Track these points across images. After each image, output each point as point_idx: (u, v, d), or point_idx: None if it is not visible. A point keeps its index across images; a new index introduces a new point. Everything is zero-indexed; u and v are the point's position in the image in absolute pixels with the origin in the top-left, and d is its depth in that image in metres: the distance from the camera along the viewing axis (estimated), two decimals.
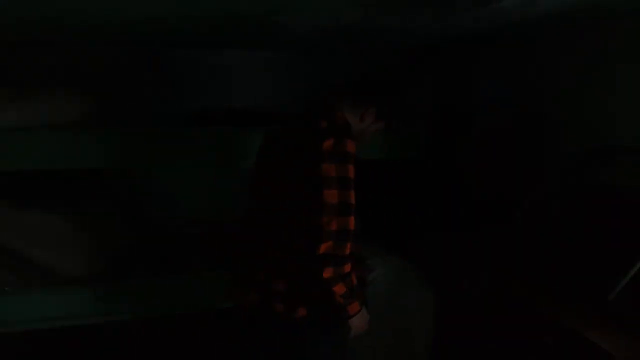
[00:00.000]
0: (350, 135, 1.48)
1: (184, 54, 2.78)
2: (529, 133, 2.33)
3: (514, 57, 2.49)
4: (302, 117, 1.61)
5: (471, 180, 2.62)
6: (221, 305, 2.15)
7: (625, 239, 1.68)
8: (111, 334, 2.26)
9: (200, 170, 2.73)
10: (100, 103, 2.39)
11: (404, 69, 3.01)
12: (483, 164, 2.57)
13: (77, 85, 2.39)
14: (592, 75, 2.04)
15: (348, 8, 1.78)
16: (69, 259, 2.18)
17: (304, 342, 1.58)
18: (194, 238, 2.69)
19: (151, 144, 2.31)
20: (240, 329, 1.75)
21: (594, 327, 1.54)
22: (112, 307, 2.22)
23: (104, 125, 2.30)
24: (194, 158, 2.44)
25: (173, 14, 1.88)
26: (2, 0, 1.61)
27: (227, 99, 2.74)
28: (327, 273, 1.42)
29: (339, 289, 1.45)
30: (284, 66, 2.91)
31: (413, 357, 2.22)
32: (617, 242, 1.71)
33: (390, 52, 2.92)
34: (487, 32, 2.25)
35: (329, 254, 1.41)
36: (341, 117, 1.58)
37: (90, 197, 2.44)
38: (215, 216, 2.64)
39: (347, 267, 1.45)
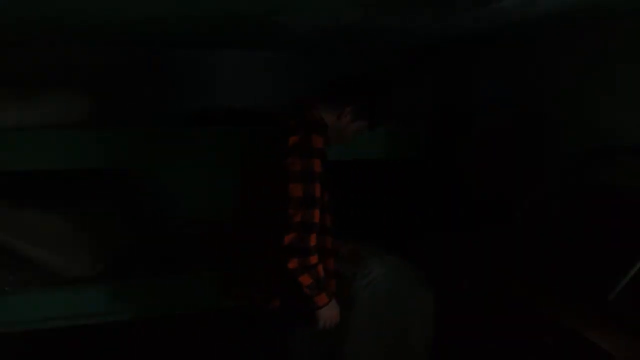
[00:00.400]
0: (317, 131, 1.52)
1: (184, 54, 2.78)
2: (529, 133, 2.32)
3: (514, 57, 2.49)
4: (277, 117, 1.65)
5: (471, 180, 2.62)
6: (221, 305, 2.15)
7: (625, 239, 1.68)
8: (111, 334, 2.26)
9: (200, 170, 2.73)
10: (100, 103, 2.39)
11: (404, 69, 3.01)
12: (483, 164, 2.57)
13: (77, 85, 2.39)
14: (592, 75, 2.04)
15: (348, 8, 1.78)
16: (69, 258, 2.18)
17: (278, 333, 1.64)
18: (194, 238, 2.69)
19: (151, 144, 2.31)
20: (239, 329, 1.76)
21: (594, 327, 1.54)
22: (112, 307, 2.22)
23: (104, 125, 2.30)
24: (194, 158, 2.44)
25: (173, 14, 1.88)
26: (2, 0, 1.62)
27: (227, 99, 2.74)
28: (292, 264, 1.47)
29: (305, 280, 1.49)
30: (284, 66, 2.91)
31: (413, 357, 2.22)
32: (617, 242, 1.71)
33: (390, 52, 2.92)
34: (487, 32, 2.25)
35: (293, 245, 1.46)
36: (315, 115, 1.63)
37: (90, 197, 2.44)
38: (215, 216, 2.63)
39: (313, 259, 1.49)
